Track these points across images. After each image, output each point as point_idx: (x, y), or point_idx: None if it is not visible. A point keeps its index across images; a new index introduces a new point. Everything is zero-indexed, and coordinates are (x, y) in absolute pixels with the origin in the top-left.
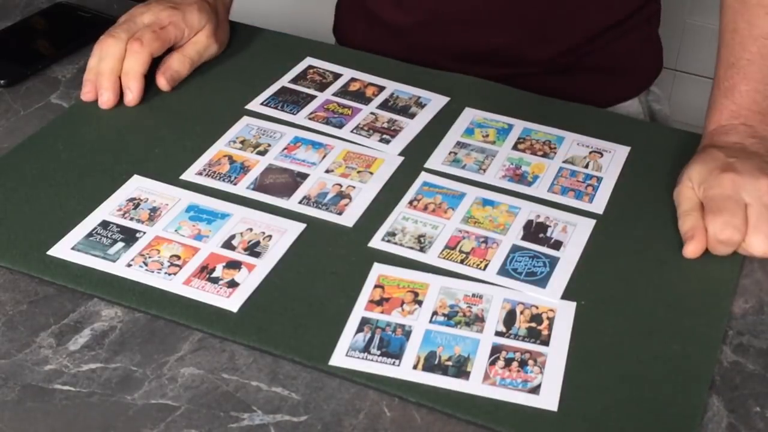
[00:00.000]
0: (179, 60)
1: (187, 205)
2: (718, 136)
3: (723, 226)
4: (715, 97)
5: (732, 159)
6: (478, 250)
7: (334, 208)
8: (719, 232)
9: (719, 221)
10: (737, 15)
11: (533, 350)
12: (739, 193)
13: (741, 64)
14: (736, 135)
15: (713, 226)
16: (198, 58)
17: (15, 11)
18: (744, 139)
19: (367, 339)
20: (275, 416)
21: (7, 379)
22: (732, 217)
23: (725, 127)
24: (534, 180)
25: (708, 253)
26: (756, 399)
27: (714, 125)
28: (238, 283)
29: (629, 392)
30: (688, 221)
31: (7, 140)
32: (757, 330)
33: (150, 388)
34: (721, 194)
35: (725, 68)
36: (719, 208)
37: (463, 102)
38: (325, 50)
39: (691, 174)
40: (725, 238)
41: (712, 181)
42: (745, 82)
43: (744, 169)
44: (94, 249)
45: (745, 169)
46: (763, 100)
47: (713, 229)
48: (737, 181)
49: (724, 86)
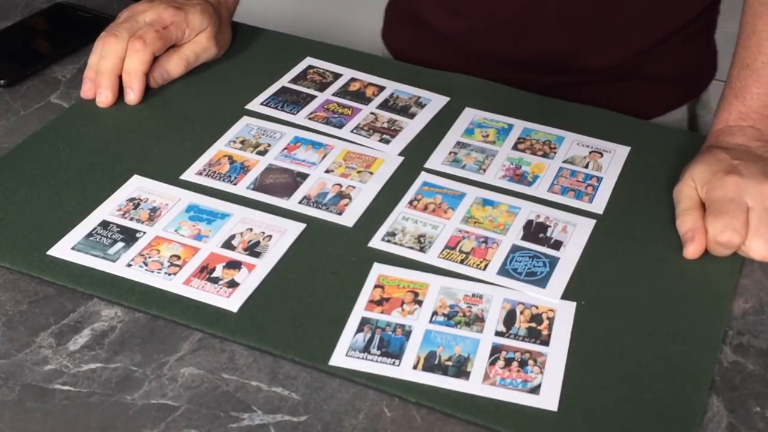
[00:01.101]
0: (175, 61)
1: (187, 205)
2: (723, 137)
3: (723, 228)
4: (726, 97)
5: (737, 161)
6: (478, 250)
7: (334, 208)
8: (719, 234)
9: (720, 223)
10: (757, 17)
11: (533, 350)
12: (741, 196)
13: (756, 66)
14: (743, 137)
15: (714, 227)
16: (195, 60)
17: (15, 11)
18: (750, 141)
19: (367, 339)
20: (275, 416)
21: (7, 379)
22: (732, 220)
23: (732, 128)
24: (534, 180)
25: (708, 254)
26: (756, 399)
27: (721, 125)
28: (238, 283)
29: (629, 392)
30: (687, 221)
31: (7, 140)
32: (757, 330)
33: (150, 388)
34: (723, 196)
35: (739, 69)
36: (721, 210)
37: (463, 102)
38: (325, 50)
39: (693, 173)
40: (725, 241)
41: (716, 182)
42: (757, 85)
43: (748, 173)
44: (94, 249)
45: (750, 173)
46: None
47: (713, 231)
48: (741, 184)
49: (735, 86)
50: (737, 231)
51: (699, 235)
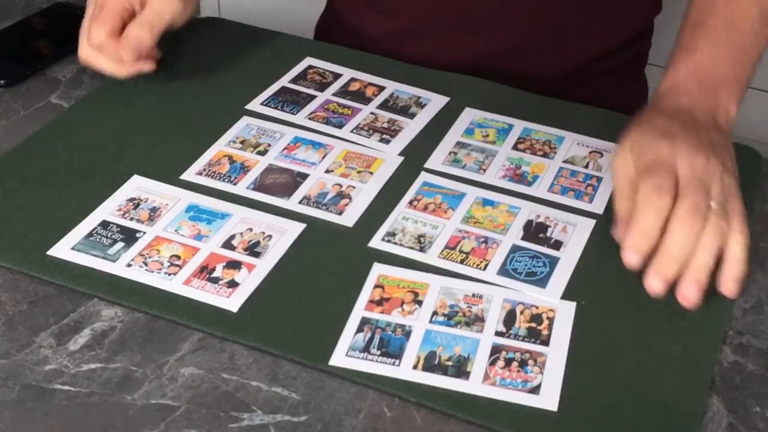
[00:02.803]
0: (136, 26)
1: (187, 205)
2: (668, 98)
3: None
4: (674, 56)
5: (673, 126)
6: (478, 250)
7: (334, 208)
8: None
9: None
10: None
11: (533, 350)
12: (674, 160)
13: (707, 25)
14: (687, 97)
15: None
16: (159, 20)
17: (15, 11)
18: (693, 104)
19: (367, 339)
20: (275, 416)
21: (7, 379)
22: (662, 180)
23: (678, 87)
24: (534, 180)
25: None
26: (756, 399)
27: (668, 83)
28: (238, 283)
29: (629, 392)
30: (623, 203)
31: (7, 140)
32: (757, 330)
33: (150, 388)
34: (654, 159)
35: (691, 28)
36: (650, 171)
37: (463, 102)
38: (325, 50)
39: (629, 141)
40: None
41: (648, 148)
42: (708, 43)
43: (682, 140)
44: (94, 249)
45: (684, 140)
46: (723, 65)
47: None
48: (674, 149)
49: (686, 45)
50: (667, 190)
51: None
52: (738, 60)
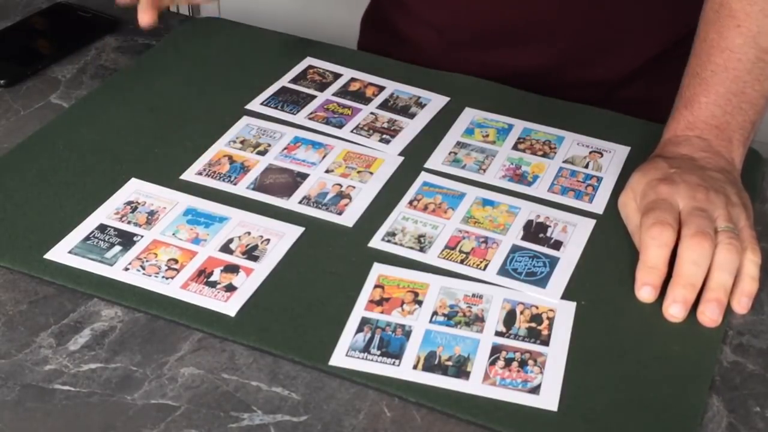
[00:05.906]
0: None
1: (185, 208)
2: (669, 147)
3: (654, 220)
4: (676, 107)
5: (673, 170)
6: (478, 250)
7: (334, 208)
8: (650, 227)
9: (651, 217)
10: (709, 25)
11: (533, 350)
12: (673, 198)
13: (705, 75)
14: (688, 147)
15: (645, 222)
16: None
17: (15, 11)
18: (695, 152)
19: (367, 339)
20: (275, 416)
21: (7, 379)
22: (663, 214)
23: (679, 137)
24: (534, 180)
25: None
26: (756, 399)
27: (669, 134)
28: (236, 287)
29: (629, 392)
30: (638, 243)
31: (7, 140)
32: (757, 330)
33: (150, 388)
34: (654, 199)
35: (690, 77)
36: (651, 209)
37: (463, 102)
38: (325, 50)
39: (632, 183)
40: (656, 234)
41: (649, 190)
42: (705, 94)
43: (682, 180)
44: (91, 253)
45: (683, 180)
46: (722, 115)
47: (644, 225)
48: (673, 189)
49: (685, 96)
50: (667, 223)
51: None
52: (738, 107)
